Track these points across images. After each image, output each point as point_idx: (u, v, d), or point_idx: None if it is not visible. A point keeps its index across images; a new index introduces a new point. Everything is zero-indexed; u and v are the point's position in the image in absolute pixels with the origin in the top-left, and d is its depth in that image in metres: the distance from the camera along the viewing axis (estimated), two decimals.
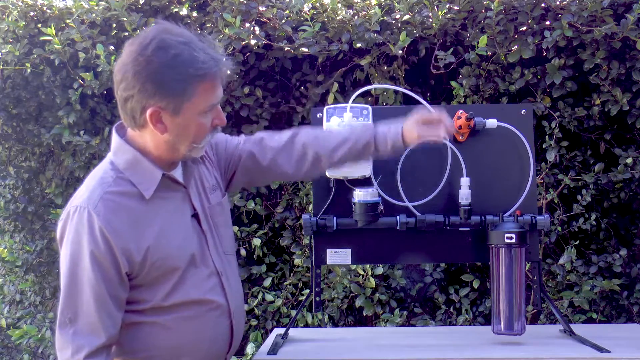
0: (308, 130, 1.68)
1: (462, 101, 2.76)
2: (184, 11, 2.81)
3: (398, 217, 1.86)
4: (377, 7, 2.73)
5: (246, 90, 2.85)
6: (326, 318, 2.84)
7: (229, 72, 1.45)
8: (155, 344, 1.44)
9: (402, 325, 2.74)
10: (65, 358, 1.36)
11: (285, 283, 2.91)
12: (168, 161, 1.47)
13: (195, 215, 1.51)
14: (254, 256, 2.93)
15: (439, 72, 2.75)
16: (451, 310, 2.82)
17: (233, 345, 1.57)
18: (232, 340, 1.56)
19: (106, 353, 1.38)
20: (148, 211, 1.42)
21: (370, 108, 1.88)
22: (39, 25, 2.84)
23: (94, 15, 2.78)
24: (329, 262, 1.93)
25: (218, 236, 1.56)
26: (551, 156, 2.69)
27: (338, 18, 2.72)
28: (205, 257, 1.50)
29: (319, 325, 2.78)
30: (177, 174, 1.51)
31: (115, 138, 1.47)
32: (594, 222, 2.74)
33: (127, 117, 1.41)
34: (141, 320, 1.43)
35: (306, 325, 2.81)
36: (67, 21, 2.80)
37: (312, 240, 1.93)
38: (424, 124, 1.63)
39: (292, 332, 1.97)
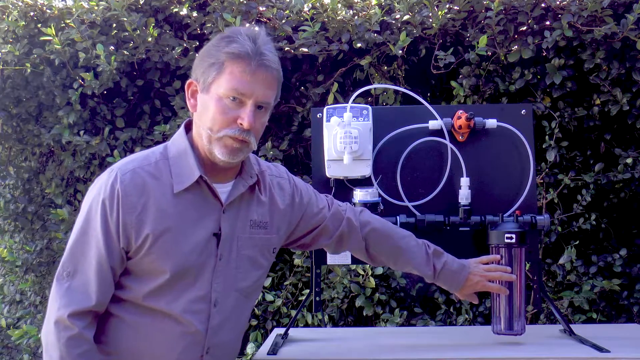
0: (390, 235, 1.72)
1: (462, 101, 2.76)
2: (184, 11, 2.81)
3: (398, 217, 1.86)
4: (377, 7, 2.74)
5: None
6: (326, 318, 2.84)
7: (277, 79, 1.43)
8: (117, 341, 1.40)
9: (402, 325, 2.74)
10: (52, 311, 1.35)
11: (285, 283, 2.91)
12: (206, 155, 1.42)
13: (217, 235, 1.43)
14: None
15: (439, 72, 2.75)
16: (451, 310, 2.82)
17: None
18: None
19: (91, 318, 1.36)
20: (169, 205, 1.38)
21: (370, 108, 1.88)
22: (39, 25, 2.84)
23: (94, 15, 2.78)
24: (329, 262, 1.93)
25: (237, 269, 1.47)
26: (551, 156, 2.69)
27: (338, 18, 2.72)
28: (203, 280, 1.42)
29: (319, 325, 2.78)
30: (223, 190, 1.45)
31: (181, 128, 1.48)
32: (594, 222, 2.74)
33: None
34: (114, 312, 1.40)
35: (306, 325, 2.81)
36: (67, 21, 2.80)
37: None
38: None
39: (292, 332, 1.97)
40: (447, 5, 2.69)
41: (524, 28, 2.68)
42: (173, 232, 1.38)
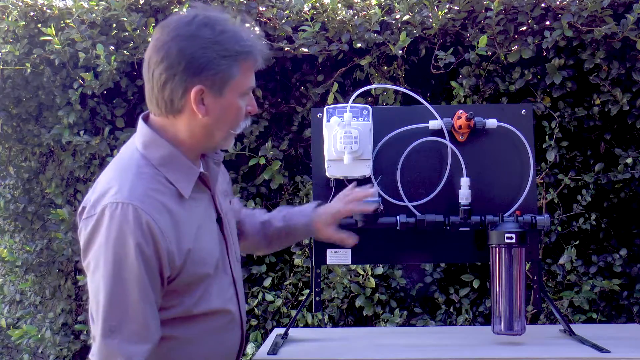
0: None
1: (462, 101, 2.76)
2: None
3: (398, 217, 1.86)
4: (377, 7, 2.74)
5: None
6: (326, 318, 2.84)
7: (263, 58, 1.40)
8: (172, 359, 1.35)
9: (402, 325, 2.74)
10: None
11: (285, 283, 2.91)
12: (199, 152, 1.40)
13: (219, 220, 1.44)
14: (254, 256, 2.93)
15: (439, 72, 2.76)
16: (451, 310, 2.82)
17: (240, 355, 1.52)
18: (240, 348, 1.50)
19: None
20: (185, 212, 1.33)
21: (370, 108, 1.88)
22: (39, 25, 2.84)
23: (94, 15, 2.78)
24: (329, 262, 1.93)
25: (234, 241, 1.51)
26: (551, 156, 2.69)
27: (338, 18, 2.72)
28: (225, 264, 1.44)
29: (319, 325, 2.78)
30: None
31: (146, 130, 1.35)
32: (594, 222, 2.74)
33: (162, 102, 1.32)
34: (167, 334, 1.32)
35: (306, 325, 2.81)
36: (67, 21, 2.80)
37: (312, 240, 1.93)
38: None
39: (292, 332, 1.96)
40: (447, 5, 2.69)
41: (524, 28, 2.68)
42: (200, 236, 1.35)
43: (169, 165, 1.33)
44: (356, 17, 2.73)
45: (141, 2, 2.85)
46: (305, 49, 2.73)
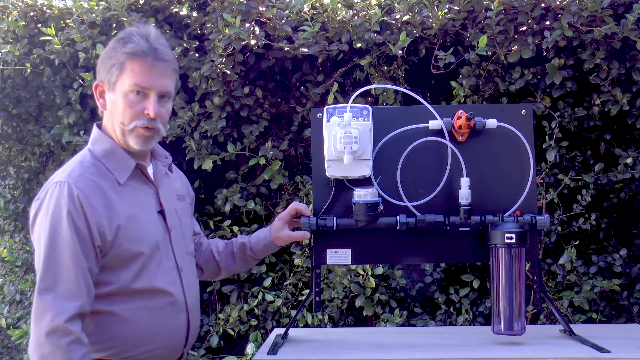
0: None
1: (462, 101, 2.76)
2: (184, 11, 2.81)
3: (398, 217, 1.86)
4: (377, 7, 2.74)
5: (246, 90, 2.85)
6: (326, 318, 2.84)
7: (175, 70, 1.61)
8: (113, 335, 1.49)
9: (402, 325, 2.74)
10: (45, 323, 1.39)
11: (285, 283, 2.91)
12: (122, 146, 1.58)
13: (161, 212, 1.62)
14: None
15: (439, 72, 2.76)
16: (451, 310, 2.82)
17: (189, 340, 1.65)
18: (188, 334, 1.63)
19: (81, 321, 1.43)
20: (121, 196, 1.53)
21: (370, 108, 1.88)
22: (39, 25, 2.84)
23: (94, 15, 2.78)
24: (329, 262, 1.93)
25: (184, 236, 1.68)
26: (551, 156, 2.69)
27: (338, 18, 2.72)
28: (167, 251, 1.60)
29: (319, 325, 2.78)
30: (149, 171, 1.64)
31: (95, 130, 1.62)
32: (594, 222, 2.74)
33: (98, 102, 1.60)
34: (102, 309, 1.48)
35: (306, 325, 2.81)
36: (67, 21, 2.80)
37: (312, 240, 1.93)
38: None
39: (292, 332, 1.96)
40: (447, 5, 2.69)
41: (524, 28, 2.68)
42: (134, 217, 1.53)
43: (109, 156, 1.56)
44: (356, 17, 2.73)
45: (141, 2, 2.85)
46: (305, 49, 2.73)
